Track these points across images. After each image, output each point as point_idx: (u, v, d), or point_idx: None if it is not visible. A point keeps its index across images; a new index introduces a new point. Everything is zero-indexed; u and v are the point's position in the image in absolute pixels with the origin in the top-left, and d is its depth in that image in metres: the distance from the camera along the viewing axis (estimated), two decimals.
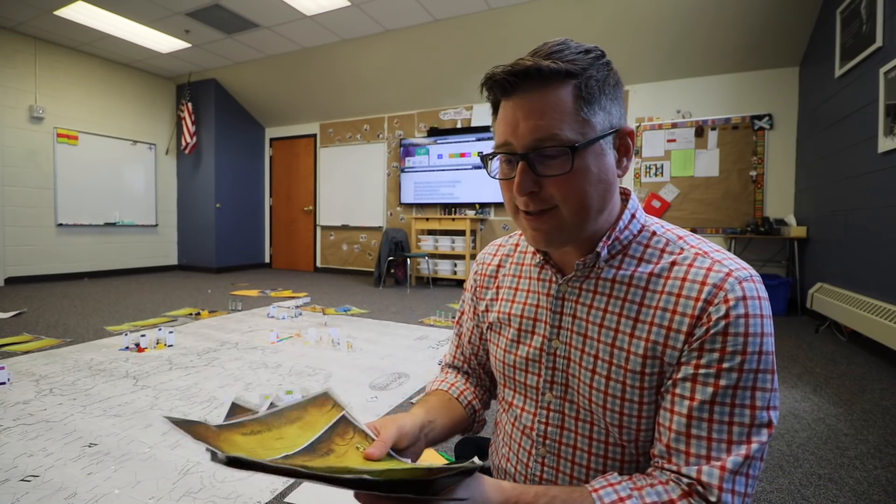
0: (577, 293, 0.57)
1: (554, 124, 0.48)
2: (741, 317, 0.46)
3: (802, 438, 1.68)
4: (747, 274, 0.49)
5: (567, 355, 0.58)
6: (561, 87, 0.49)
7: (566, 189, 0.50)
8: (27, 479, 1.33)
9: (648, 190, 4.94)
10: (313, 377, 2.27)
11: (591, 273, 0.56)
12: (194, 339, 2.95)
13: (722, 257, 0.51)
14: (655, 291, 0.52)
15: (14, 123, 5.10)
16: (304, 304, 4.29)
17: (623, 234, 0.55)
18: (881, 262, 2.77)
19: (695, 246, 0.53)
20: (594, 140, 0.50)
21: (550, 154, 0.49)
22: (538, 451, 0.60)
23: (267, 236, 7.58)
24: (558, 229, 0.52)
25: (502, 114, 0.53)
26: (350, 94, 6.20)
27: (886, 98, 2.70)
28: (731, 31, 4.13)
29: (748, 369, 0.46)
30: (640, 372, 0.51)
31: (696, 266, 0.51)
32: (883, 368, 2.50)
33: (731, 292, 0.47)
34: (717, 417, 0.46)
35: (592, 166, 0.50)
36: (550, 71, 0.48)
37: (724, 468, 0.45)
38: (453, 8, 4.44)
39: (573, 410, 0.58)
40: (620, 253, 0.56)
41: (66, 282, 5.45)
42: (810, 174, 3.99)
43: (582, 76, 0.49)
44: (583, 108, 0.49)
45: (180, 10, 4.56)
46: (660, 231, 0.56)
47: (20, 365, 2.37)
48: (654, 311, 0.51)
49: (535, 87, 0.49)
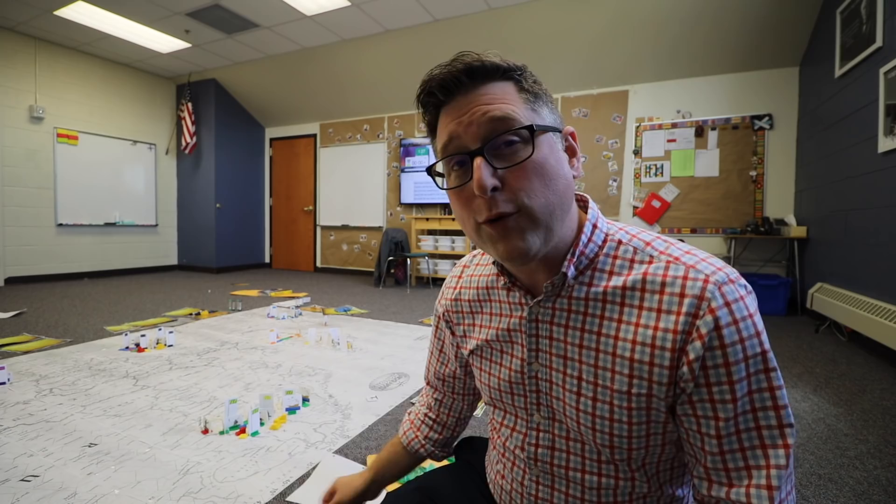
0: (550, 314, 0.54)
1: (506, 107, 0.47)
2: (731, 324, 0.44)
3: (802, 438, 1.68)
4: (724, 276, 0.46)
5: (549, 378, 0.55)
6: (502, 81, 0.49)
7: (529, 181, 0.46)
8: (27, 479, 1.33)
9: (648, 190, 4.94)
10: (313, 377, 2.27)
11: (561, 292, 0.53)
12: (194, 339, 2.95)
13: (694, 261, 0.48)
14: (633, 307, 0.49)
15: (14, 123, 5.11)
16: (304, 304, 4.29)
17: (588, 247, 0.52)
18: (881, 262, 2.77)
19: (664, 252, 0.50)
20: (548, 128, 0.49)
21: (508, 141, 0.47)
22: (532, 471, 0.59)
23: (267, 236, 7.58)
24: (529, 232, 0.47)
25: (444, 118, 0.50)
26: (350, 94, 6.20)
27: (886, 98, 2.70)
28: (731, 31, 4.13)
29: (755, 371, 0.45)
30: (626, 392, 0.49)
31: (670, 275, 0.48)
32: (883, 368, 2.50)
33: (713, 300, 0.45)
34: (743, 427, 0.45)
35: (550, 157, 0.48)
36: (493, 65, 0.48)
37: (770, 486, 0.44)
38: (453, 8, 4.44)
39: (563, 430, 0.56)
40: (589, 268, 0.52)
41: (66, 282, 5.45)
42: (810, 174, 3.99)
43: (521, 72, 0.50)
44: (529, 99, 0.49)
45: (180, 10, 4.56)
46: (625, 239, 0.53)
47: (20, 365, 2.37)
48: (636, 329, 0.48)
49: (477, 83, 0.48)
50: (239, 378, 2.24)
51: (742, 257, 4.54)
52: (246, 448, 1.55)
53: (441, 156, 0.51)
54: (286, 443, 1.60)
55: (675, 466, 0.55)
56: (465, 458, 0.79)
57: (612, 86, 5.06)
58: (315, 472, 1.41)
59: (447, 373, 0.78)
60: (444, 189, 0.52)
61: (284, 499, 1.27)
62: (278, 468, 1.43)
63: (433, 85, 0.50)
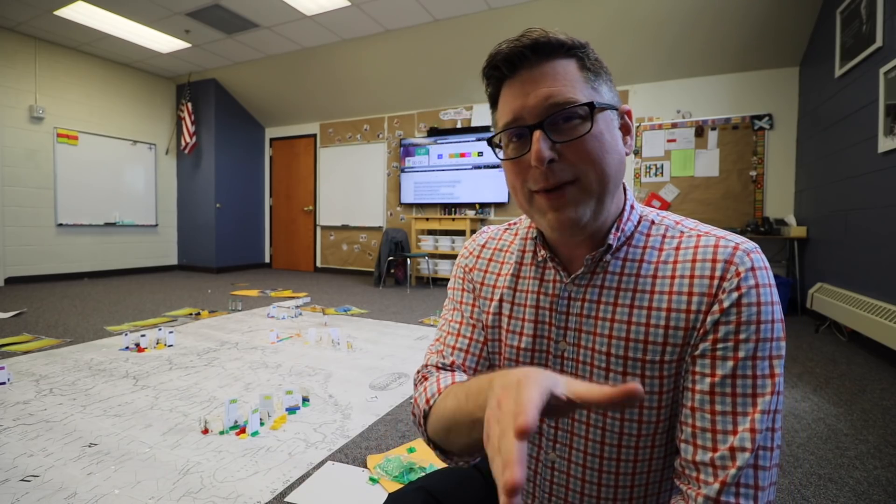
0: (583, 291, 0.55)
1: (567, 89, 0.48)
2: (752, 287, 0.46)
3: (802, 438, 1.68)
4: (752, 246, 0.50)
5: (576, 357, 0.56)
6: (565, 58, 0.50)
7: (586, 153, 0.48)
8: (27, 479, 1.33)
9: (648, 190, 4.94)
10: (313, 377, 2.27)
11: (597, 268, 0.55)
12: (194, 339, 2.95)
13: (723, 233, 0.51)
14: (666, 277, 0.51)
15: (14, 123, 5.10)
16: (304, 304, 4.29)
17: (626, 224, 0.55)
18: (881, 262, 2.77)
19: (694, 228, 0.54)
20: (606, 105, 0.50)
21: (567, 117, 0.48)
22: (547, 457, 0.59)
23: (267, 236, 7.58)
24: (583, 204, 0.49)
25: (507, 94, 0.51)
26: (350, 94, 6.20)
27: (886, 98, 2.70)
28: (731, 31, 4.13)
29: (764, 338, 0.46)
30: (658, 361, 0.50)
31: (702, 245, 0.51)
32: (883, 368, 2.50)
33: (741, 265, 0.47)
34: (741, 391, 0.45)
35: (606, 133, 0.50)
36: (558, 41, 0.49)
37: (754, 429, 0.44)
38: (453, 8, 4.44)
39: (582, 414, 0.55)
40: (625, 244, 0.55)
41: (66, 282, 5.45)
42: (810, 174, 3.99)
43: (584, 50, 0.50)
44: (590, 77, 0.50)
45: (180, 10, 4.56)
46: (657, 219, 0.56)
47: (20, 365, 2.37)
48: (669, 297, 0.50)
49: (542, 60, 0.49)
50: (239, 378, 2.24)
51: None
52: (246, 448, 1.55)
53: (501, 130, 0.52)
54: (286, 443, 1.60)
55: None
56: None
57: None
58: (314, 476, 1.41)
59: (475, 342, 0.64)
60: (502, 160, 0.53)
61: (284, 499, 1.27)
62: (278, 468, 1.43)
63: (499, 59, 0.50)
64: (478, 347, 0.63)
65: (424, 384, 0.60)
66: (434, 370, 0.63)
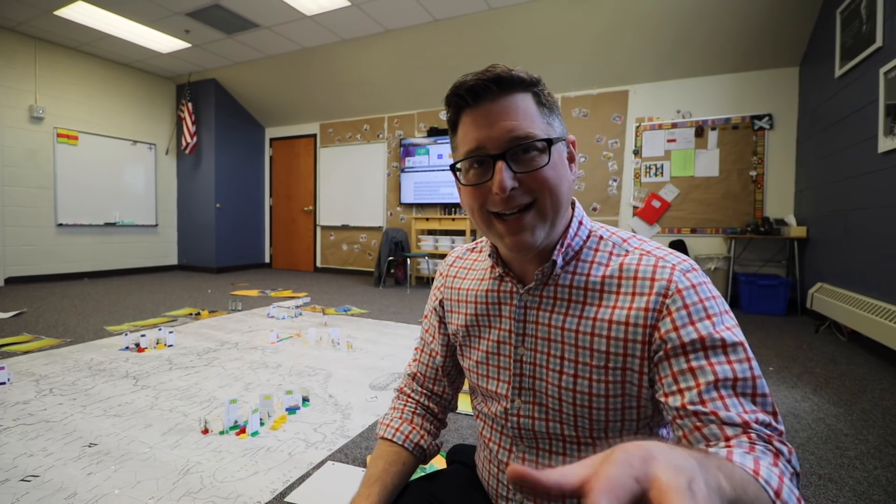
0: (538, 301, 0.61)
1: (527, 124, 0.53)
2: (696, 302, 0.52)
3: (802, 438, 1.68)
4: (689, 266, 0.55)
5: (533, 361, 0.61)
6: (523, 93, 0.55)
7: (544, 181, 0.54)
8: (27, 479, 1.33)
9: (648, 190, 4.94)
10: (313, 377, 2.27)
11: (549, 280, 0.60)
12: (194, 339, 2.95)
13: (663, 254, 0.56)
14: (611, 292, 0.56)
15: (14, 123, 5.10)
16: (304, 304, 4.29)
17: (574, 240, 0.60)
18: (881, 262, 2.77)
19: (638, 247, 0.58)
20: (560, 139, 0.56)
21: (526, 149, 0.53)
22: (518, 448, 0.64)
23: (267, 236, 7.58)
24: (539, 228, 0.55)
25: (469, 123, 0.55)
26: (350, 94, 6.20)
27: (886, 98, 2.70)
28: (731, 31, 4.13)
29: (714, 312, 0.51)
30: (604, 367, 0.55)
31: (643, 265, 0.56)
32: (883, 368, 2.50)
33: (679, 283, 0.53)
34: (715, 360, 0.49)
35: (560, 164, 0.56)
36: (518, 77, 0.54)
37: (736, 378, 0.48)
38: (453, 8, 4.44)
39: (542, 413, 0.60)
40: (574, 259, 0.60)
41: (66, 282, 5.45)
42: (810, 174, 3.99)
43: (539, 86, 0.56)
44: (545, 112, 0.56)
45: (180, 10, 4.56)
46: (606, 235, 0.61)
47: (20, 365, 2.37)
48: (613, 310, 0.55)
49: (503, 93, 0.54)
50: (239, 378, 2.24)
51: (742, 257, 4.54)
52: (246, 448, 1.55)
53: (464, 157, 0.57)
54: (286, 443, 1.60)
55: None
56: (459, 461, 0.80)
57: (611, 86, 5.06)
58: (314, 476, 1.41)
59: (439, 362, 0.76)
60: (463, 184, 0.57)
61: (284, 499, 1.27)
62: (278, 468, 1.43)
63: (463, 89, 0.55)
64: (435, 364, 0.77)
65: (393, 405, 0.78)
66: (406, 389, 0.79)
